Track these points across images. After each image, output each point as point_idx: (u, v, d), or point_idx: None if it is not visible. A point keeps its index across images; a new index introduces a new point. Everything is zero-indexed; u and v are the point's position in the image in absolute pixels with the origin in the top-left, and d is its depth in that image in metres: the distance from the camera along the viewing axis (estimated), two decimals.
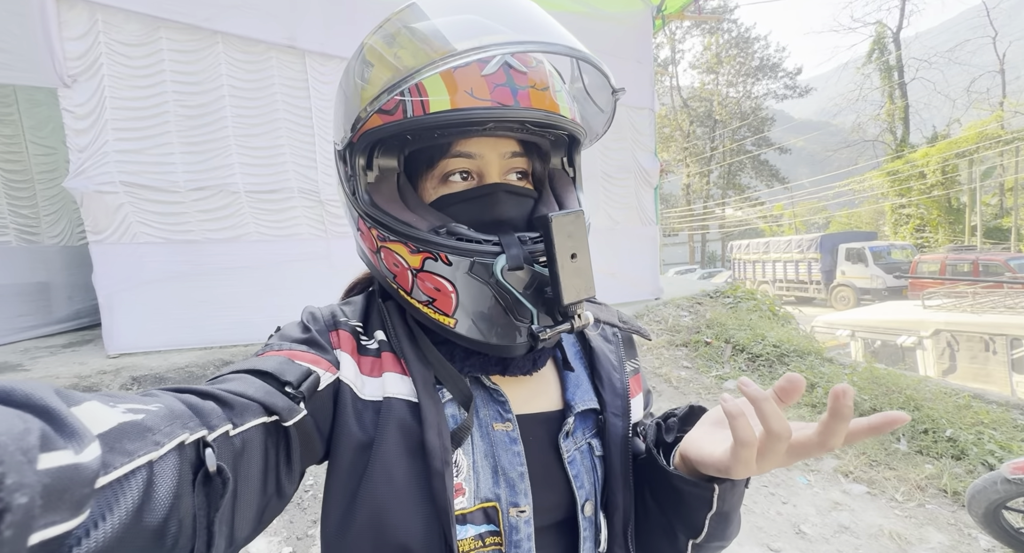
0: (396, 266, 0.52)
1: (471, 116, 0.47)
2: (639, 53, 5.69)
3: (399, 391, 0.51)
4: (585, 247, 0.46)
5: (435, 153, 0.53)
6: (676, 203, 34.23)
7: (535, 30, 0.46)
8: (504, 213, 0.52)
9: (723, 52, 29.89)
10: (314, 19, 3.90)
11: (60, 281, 4.65)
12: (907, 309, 6.94)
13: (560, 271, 0.45)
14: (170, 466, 0.30)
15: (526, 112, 0.48)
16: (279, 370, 0.43)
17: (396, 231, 0.50)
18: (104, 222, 3.39)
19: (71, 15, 3.25)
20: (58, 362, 3.44)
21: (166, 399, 0.34)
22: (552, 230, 0.44)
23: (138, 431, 0.29)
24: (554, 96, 0.51)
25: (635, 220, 5.87)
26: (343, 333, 0.53)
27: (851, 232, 19.49)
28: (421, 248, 0.49)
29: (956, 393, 3.66)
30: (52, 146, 4.61)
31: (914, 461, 2.94)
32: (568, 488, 0.54)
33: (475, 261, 0.47)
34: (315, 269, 3.92)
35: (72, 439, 0.24)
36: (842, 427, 0.36)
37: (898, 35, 22.83)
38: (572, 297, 0.45)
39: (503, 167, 0.54)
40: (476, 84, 0.47)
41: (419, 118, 0.47)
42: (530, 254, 0.47)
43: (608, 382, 0.60)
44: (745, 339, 4.57)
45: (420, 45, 0.45)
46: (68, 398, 0.26)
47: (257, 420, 0.39)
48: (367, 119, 0.49)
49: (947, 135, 21.88)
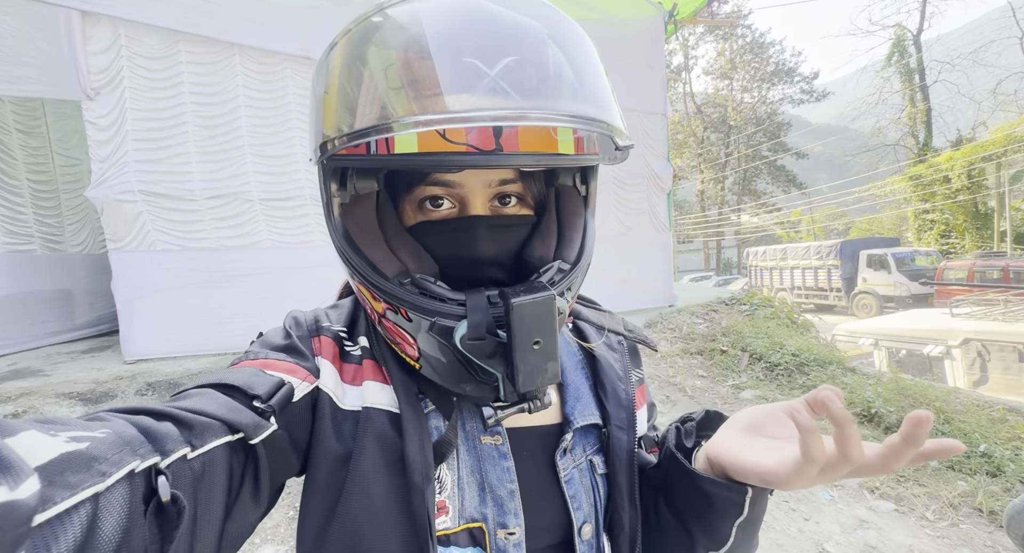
0: (365, 301, 0.49)
1: (440, 162, 0.42)
2: (651, 59, 5.66)
3: (379, 401, 0.47)
4: (552, 333, 0.42)
5: (413, 178, 0.49)
6: (691, 209, 33.90)
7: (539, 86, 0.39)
8: (483, 252, 0.48)
9: (737, 57, 29.68)
10: (328, 30, 3.96)
11: (82, 288, 4.77)
12: (933, 317, 6.72)
13: (518, 359, 0.41)
14: (118, 498, 0.28)
15: (510, 158, 0.42)
16: (247, 383, 0.41)
17: (361, 274, 0.46)
18: (123, 230, 3.47)
19: (96, 30, 3.36)
20: (77, 368, 3.50)
21: (116, 423, 0.31)
22: (512, 317, 0.40)
23: (82, 461, 0.27)
24: (553, 132, 0.45)
25: (648, 226, 5.80)
26: (325, 339, 0.50)
27: (872, 238, 19.01)
28: (383, 298, 0.45)
29: (989, 406, 3.50)
30: (77, 157, 4.77)
31: (945, 477, 2.80)
32: (564, 509, 0.50)
33: (435, 322, 0.43)
34: (327, 275, 3.95)
35: (6, 474, 0.22)
36: (911, 453, 0.34)
37: (918, 37, 22.38)
38: (530, 386, 0.42)
39: (489, 195, 0.49)
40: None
41: (382, 157, 0.43)
42: (495, 320, 0.42)
43: (613, 393, 0.56)
44: (762, 347, 4.45)
45: (385, 83, 0.39)
46: (3, 429, 0.24)
47: (219, 440, 0.36)
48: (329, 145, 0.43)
49: (972, 138, 21.27)
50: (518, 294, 0.41)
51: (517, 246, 0.51)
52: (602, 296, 0.71)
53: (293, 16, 3.89)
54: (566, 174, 0.54)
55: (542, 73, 0.39)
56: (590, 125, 0.39)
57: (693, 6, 6.33)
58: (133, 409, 0.35)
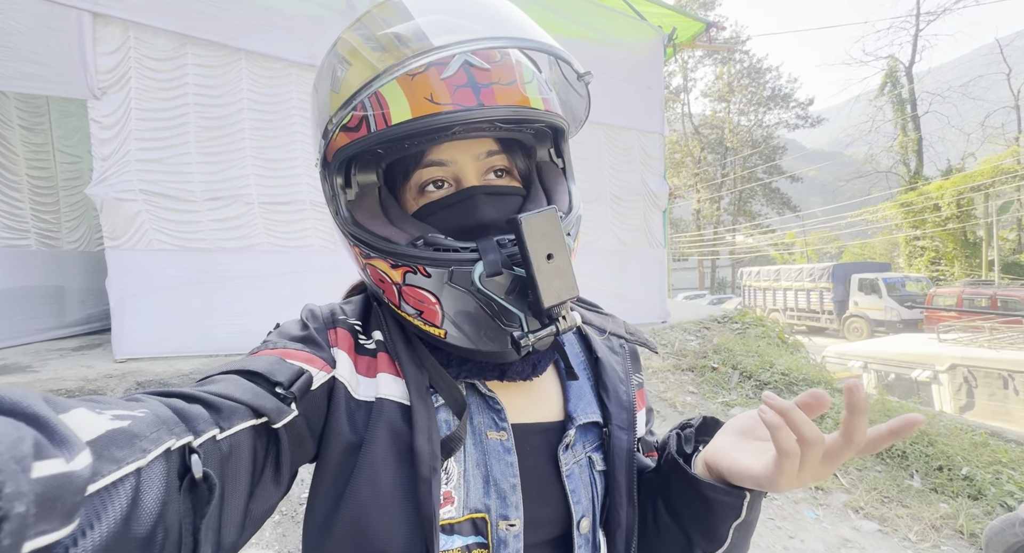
0: (382, 282, 0.52)
1: (432, 123, 0.46)
2: (650, 79, 5.79)
3: (392, 393, 0.50)
4: (562, 246, 0.44)
5: (409, 164, 0.53)
6: (686, 228, 34.20)
7: (496, 26, 0.45)
8: (485, 216, 0.51)
9: (735, 81, 30.32)
10: (334, 38, 4.04)
11: (75, 285, 4.74)
12: (922, 342, 6.79)
13: (536, 274, 0.43)
14: (157, 473, 0.30)
15: (491, 111, 0.46)
16: (269, 370, 0.43)
17: (375, 247, 0.49)
18: (121, 228, 3.47)
19: (106, 31, 3.41)
20: (66, 365, 3.47)
21: (152, 404, 0.33)
22: (523, 232, 0.42)
23: (126, 438, 0.29)
24: (523, 88, 0.49)
25: (643, 242, 5.87)
26: (341, 331, 0.52)
27: (864, 262, 19.27)
28: (400, 262, 0.48)
29: (972, 430, 3.54)
30: (78, 155, 4.78)
31: (928, 499, 2.82)
32: (564, 503, 0.52)
33: (453, 270, 0.46)
34: (323, 280, 3.95)
35: (63, 447, 0.23)
36: (862, 421, 0.37)
37: (910, 69, 23.00)
38: (552, 299, 0.43)
39: (480, 169, 0.53)
40: (436, 89, 0.46)
41: (382, 131, 0.47)
42: (509, 258, 0.45)
43: (614, 394, 0.58)
44: (753, 366, 4.48)
45: (372, 54, 0.46)
46: (56, 405, 0.26)
47: (245, 423, 0.38)
48: (332, 137, 0.49)
49: (962, 168, 21.75)
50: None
51: (514, 214, 0.53)
52: None
53: (300, 24, 3.96)
54: (542, 148, 0.59)
55: (498, 22, 0.46)
56: (551, 49, 0.46)
57: (692, 31, 6.51)
58: (166, 392, 0.37)
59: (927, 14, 23.98)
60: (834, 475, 3.06)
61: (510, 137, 0.55)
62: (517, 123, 0.51)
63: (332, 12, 4.12)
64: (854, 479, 3.02)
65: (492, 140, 0.54)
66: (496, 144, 0.54)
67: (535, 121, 0.52)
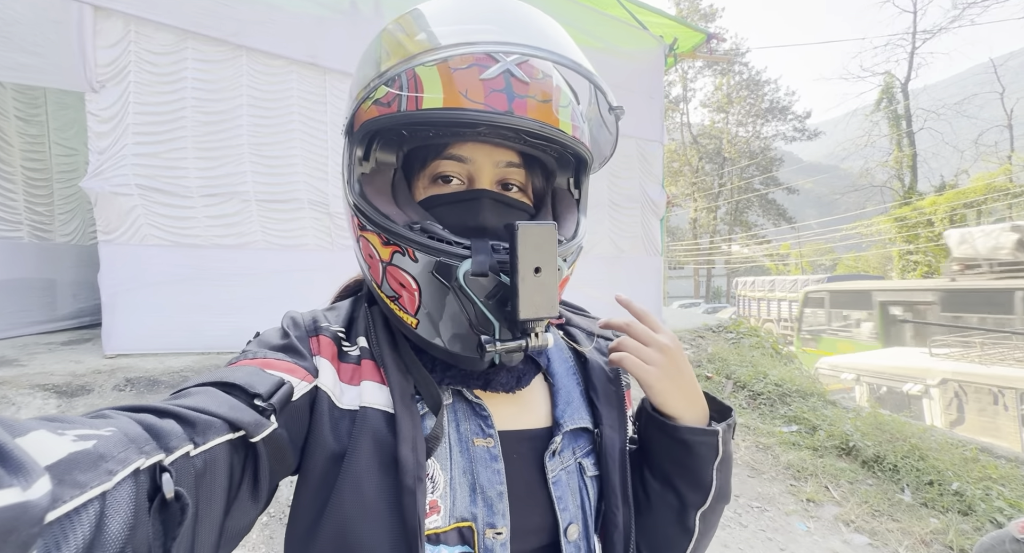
0: (370, 257, 0.52)
1: (459, 117, 0.46)
2: (651, 88, 5.83)
3: (376, 401, 0.49)
4: (552, 262, 0.43)
5: (429, 153, 0.53)
6: (683, 236, 34.36)
7: (544, 43, 0.45)
8: (487, 221, 0.51)
9: (734, 93, 30.59)
10: (337, 38, 4.04)
11: (67, 279, 4.69)
12: (914, 356, 6.82)
13: (520, 283, 0.42)
14: (124, 496, 0.28)
15: (519, 120, 0.47)
16: (248, 382, 0.42)
17: (372, 221, 0.49)
18: (115, 222, 3.44)
19: (107, 25, 3.39)
20: (54, 359, 3.42)
21: (120, 421, 0.32)
22: (517, 239, 0.42)
23: (90, 460, 0.27)
24: (556, 110, 0.49)
25: (640, 249, 5.89)
26: (324, 339, 0.51)
27: (858, 275, 19.39)
28: (392, 240, 0.48)
29: (963, 445, 3.55)
30: (74, 147, 4.74)
31: (919, 514, 2.83)
32: (551, 510, 0.51)
33: (441, 261, 0.45)
34: (318, 280, 3.92)
35: (18, 474, 0.22)
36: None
37: (906, 86, 23.30)
38: (529, 313, 0.42)
39: (496, 175, 0.53)
40: (472, 86, 0.46)
41: (410, 113, 0.47)
42: (498, 263, 0.45)
43: (604, 394, 0.58)
44: (746, 376, 4.49)
45: (415, 39, 0.46)
46: (12, 428, 0.25)
47: (221, 438, 0.37)
48: (362, 105, 0.50)
49: (955, 185, 22.01)
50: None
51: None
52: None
53: (302, 23, 3.96)
54: (562, 175, 0.59)
55: (547, 39, 0.47)
56: (589, 75, 0.47)
57: (693, 42, 6.56)
58: (136, 407, 0.35)
59: (923, 32, 24.32)
60: (826, 487, 3.06)
61: (533, 154, 0.55)
62: (542, 139, 0.51)
63: (335, 13, 4.12)
64: (845, 492, 3.02)
65: (515, 153, 0.54)
66: (518, 157, 0.55)
67: (559, 143, 0.51)
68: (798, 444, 3.55)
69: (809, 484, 3.08)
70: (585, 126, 0.55)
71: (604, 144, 0.61)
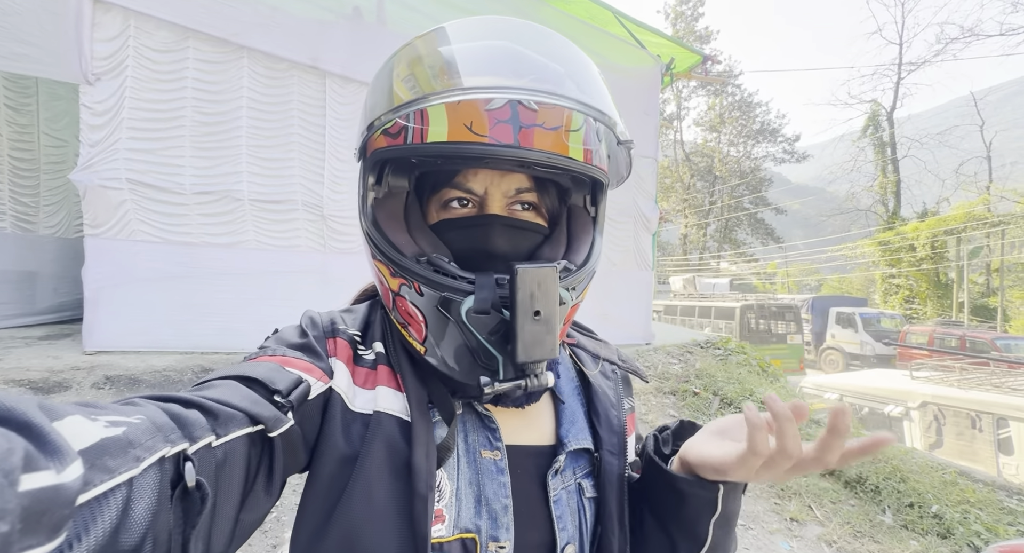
0: (381, 283, 0.52)
1: (463, 151, 0.46)
2: (646, 105, 5.93)
3: (391, 407, 0.49)
4: (553, 306, 0.43)
5: (439, 179, 0.53)
6: (673, 252, 34.73)
7: (550, 74, 0.46)
8: (498, 246, 0.51)
9: (726, 113, 31.26)
10: (339, 43, 4.05)
11: (48, 272, 4.57)
12: (895, 378, 6.94)
13: (519, 329, 0.42)
14: (149, 483, 0.29)
15: (525, 153, 0.45)
16: (269, 378, 0.42)
17: (382, 251, 0.50)
18: (104, 217, 3.38)
19: (106, 18, 3.37)
20: (31, 354, 3.33)
21: (149, 409, 0.33)
22: (516, 284, 0.42)
23: (119, 446, 0.28)
24: (565, 137, 0.47)
25: (632, 263, 5.93)
26: (340, 341, 0.52)
27: (842, 296, 19.77)
28: (399, 273, 0.48)
29: (943, 468, 3.60)
30: (64, 139, 4.66)
31: (899, 536, 2.85)
32: (550, 528, 0.51)
33: (445, 296, 0.46)
34: (308, 282, 3.89)
35: (54, 457, 0.23)
36: (839, 444, 0.39)
37: (891, 114, 24.05)
38: (524, 357, 0.43)
39: (507, 201, 0.53)
40: (476, 118, 0.45)
41: (416, 146, 0.47)
42: (501, 299, 0.45)
43: (605, 419, 0.58)
44: (733, 393, 4.52)
45: (429, 72, 0.47)
46: (51, 412, 0.25)
47: (241, 431, 0.38)
48: (373, 135, 0.50)
49: (936, 212, 22.66)
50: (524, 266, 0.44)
51: (529, 251, 0.55)
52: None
53: (305, 27, 3.97)
54: (577, 193, 0.59)
55: (556, 74, 0.48)
56: (594, 113, 0.47)
57: (689, 62, 6.71)
58: (164, 396, 0.36)
59: (908, 64, 25.20)
60: (809, 507, 3.08)
61: (548, 177, 0.55)
62: (550, 168, 0.51)
63: (338, 17, 4.14)
64: (828, 512, 3.04)
65: (526, 177, 0.54)
66: (529, 181, 0.55)
67: (569, 171, 0.51)
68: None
69: (793, 503, 3.09)
70: (602, 145, 0.53)
71: (621, 163, 0.60)
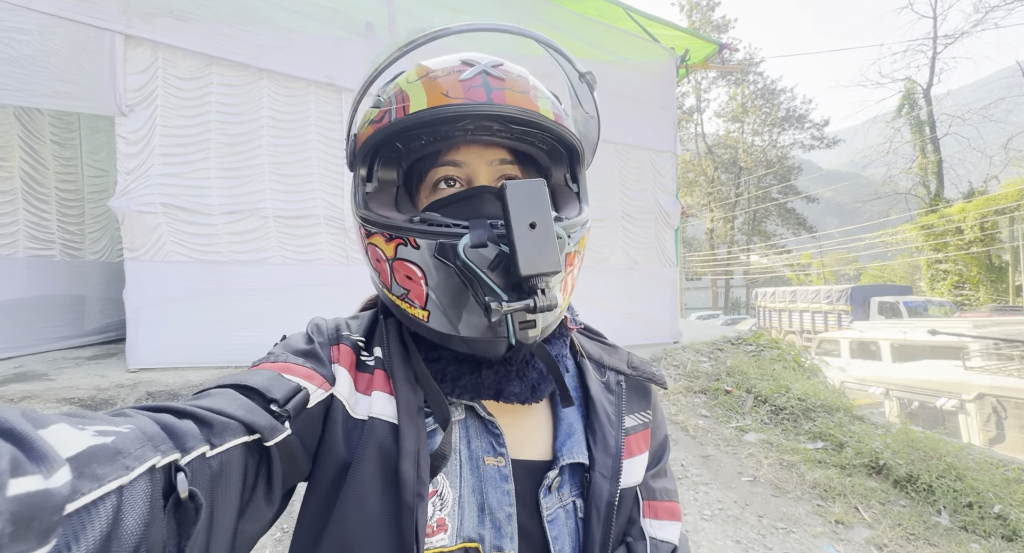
0: (378, 262, 0.52)
1: (443, 112, 0.48)
2: (663, 99, 5.83)
3: (384, 412, 0.48)
4: (547, 216, 0.43)
5: (426, 165, 0.55)
6: (700, 247, 33.93)
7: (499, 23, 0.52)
8: (489, 212, 0.51)
9: (748, 102, 30.38)
10: (353, 60, 4.16)
11: (95, 295, 4.85)
12: (946, 369, 6.53)
13: (516, 241, 0.41)
14: (140, 492, 0.29)
15: (500, 107, 0.49)
16: (266, 386, 0.42)
17: (374, 222, 0.51)
18: (141, 240, 3.56)
19: (136, 53, 3.56)
20: (81, 373, 3.52)
21: (139, 420, 0.33)
22: (507, 198, 0.42)
23: (108, 455, 0.28)
24: (534, 99, 0.52)
25: (655, 261, 5.82)
26: (344, 347, 0.52)
27: (884, 285, 18.77)
28: (394, 235, 0.49)
29: (1004, 464, 3.36)
30: (105, 169, 4.96)
31: (958, 538, 2.67)
32: (545, 547, 0.49)
33: (440, 242, 0.46)
34: (333, 294, 3.98)
35: (41, 463, 0.23)
36: None
37: (928, 91, 22.82)
38: (529, 269, 0.41)
39: (492, 173, 0.55)
40: (451, 87, 0.50)
41: (400, 120, 0.50)
42: (497, 236, 0.45)
43: (601, 439, 0.55)
44: (768, 390, 4.36)
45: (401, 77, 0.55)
46: (35, 420, 0.26)
47: (237, 440, 0.37)
48: (358, 136, 0.53)
49: (984, 191, 21.29)
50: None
51: None
52: (607, 329, 0.71)
53: (320, 46, 4.10)
54: (557, 171, 0.60)
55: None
56: (552, 49, 0.54)
57: (704, 52, 6.56)
58: (156, 407, 0.36)
59: (945, 37, 23.85)
60: (855, 508, 2.92)
61: (523, 149, 0.56)
62: (526, 126, 0.52)
63: (352, 34, 4.25)
64: (877, 513, 2.88)
65: (506, 150, 0.55)
66: (510, 154, 0.55)
67: (544, 128, 0.52)
68: (824, 462, 3.41)
69: (837, 504, 2.94)
70: (568, 119, 0.57)
71: (590, 131, 0.63)
